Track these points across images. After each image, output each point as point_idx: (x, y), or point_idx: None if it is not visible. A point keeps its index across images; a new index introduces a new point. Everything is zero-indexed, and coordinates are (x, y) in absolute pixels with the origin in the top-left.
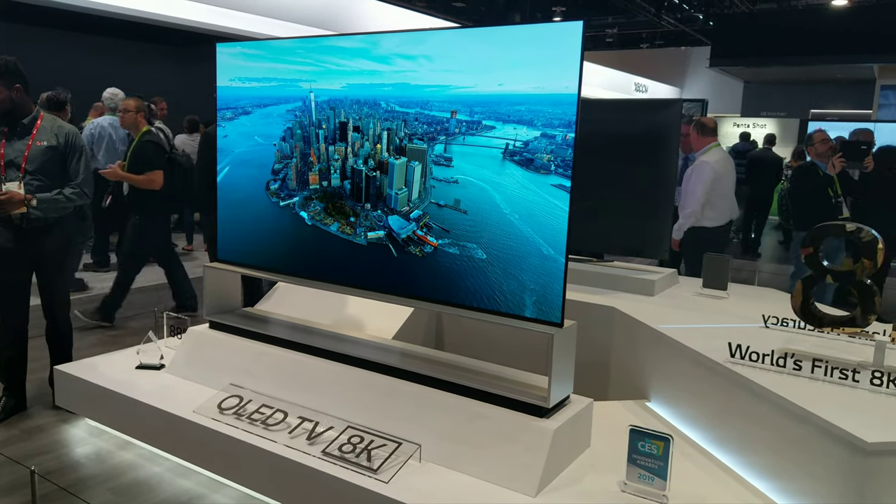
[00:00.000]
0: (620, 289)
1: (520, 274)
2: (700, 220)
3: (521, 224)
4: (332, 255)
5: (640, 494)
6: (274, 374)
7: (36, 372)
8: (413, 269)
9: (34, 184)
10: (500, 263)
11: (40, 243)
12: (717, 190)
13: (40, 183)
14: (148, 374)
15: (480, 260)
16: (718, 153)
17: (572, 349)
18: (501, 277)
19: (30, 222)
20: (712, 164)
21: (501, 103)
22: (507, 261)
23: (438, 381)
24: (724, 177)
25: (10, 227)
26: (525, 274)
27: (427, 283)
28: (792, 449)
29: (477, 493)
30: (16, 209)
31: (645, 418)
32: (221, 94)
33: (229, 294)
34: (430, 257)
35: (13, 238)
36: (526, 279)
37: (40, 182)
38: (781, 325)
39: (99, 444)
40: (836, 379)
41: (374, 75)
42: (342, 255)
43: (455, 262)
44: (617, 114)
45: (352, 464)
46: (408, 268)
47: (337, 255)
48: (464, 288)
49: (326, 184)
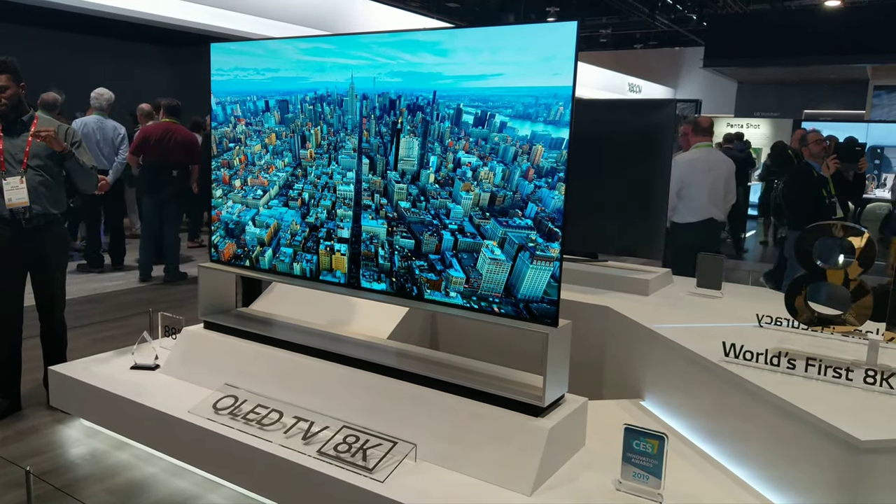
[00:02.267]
0: (615, 288)
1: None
2: (671, 215)
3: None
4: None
5: (635, 493)
6: (269, 375)
7: (30, 373)
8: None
9: (36, 179)
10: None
11: (40, 241)
12: (685, 189)
13: (41, 178)
14: (143, 374)
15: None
16: (694, 153)
17: (567, 349)
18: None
19: (29, 221)
20: (680, 164)
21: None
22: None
23: (434, 381)
24: (693, 177)
25: (10, 226)
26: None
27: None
28: (786, 447)
29: (472, 492)
30: (59, 147)
31: (640, 417)
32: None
33: (224, 294)
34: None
35: (13, 237)
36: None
37: (42, 177)
38: (775, 324)
39: (94, 445)
40: (830, 378)
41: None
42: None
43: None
44: (611, 114)
45: (347, 463)
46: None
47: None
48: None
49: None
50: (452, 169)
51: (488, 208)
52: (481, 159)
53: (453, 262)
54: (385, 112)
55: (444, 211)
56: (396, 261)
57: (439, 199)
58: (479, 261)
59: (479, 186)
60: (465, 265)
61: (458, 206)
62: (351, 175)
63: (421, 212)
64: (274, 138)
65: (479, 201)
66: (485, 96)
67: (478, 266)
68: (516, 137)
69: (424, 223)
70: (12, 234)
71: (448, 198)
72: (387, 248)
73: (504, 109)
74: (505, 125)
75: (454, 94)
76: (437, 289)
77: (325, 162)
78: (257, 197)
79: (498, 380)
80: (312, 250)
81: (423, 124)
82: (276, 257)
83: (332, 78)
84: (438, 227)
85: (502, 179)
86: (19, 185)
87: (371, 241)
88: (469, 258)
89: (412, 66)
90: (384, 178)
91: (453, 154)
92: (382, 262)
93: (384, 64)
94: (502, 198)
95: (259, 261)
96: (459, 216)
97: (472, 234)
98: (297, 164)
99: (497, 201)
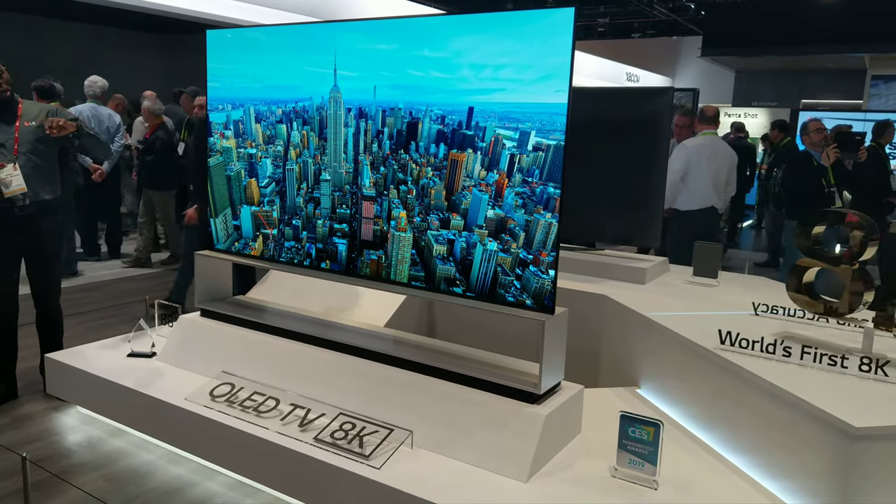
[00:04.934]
0: (611, 277)
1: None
2: (673, 202)
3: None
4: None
5: (630, 479)
6: (266, 362)
7: (26, 360)
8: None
9: (28, 165)
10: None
11: (35, 229)
12: (690, 174)
13: (33, 164)
14: (139, 361)
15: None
16: (701, 139)
17: (563, 336)
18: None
19: (23, 209)
20: (688, 148)
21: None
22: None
23: (431, 369)
24: (699, 162)
25: (3, 216)
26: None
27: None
28: (781, 434)
29: (468, 478)
30: (72, 128)
31: (635, 405)
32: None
33: (221, 282)
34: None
35: (7, 226)
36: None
37: (33, 163)
38: (771, 312)
39: (90, 432)
40: (825, 365)
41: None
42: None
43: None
44: (608, 102)
45: (344, 450)
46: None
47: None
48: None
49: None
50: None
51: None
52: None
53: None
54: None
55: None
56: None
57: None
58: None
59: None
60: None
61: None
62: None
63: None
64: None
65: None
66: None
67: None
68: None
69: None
70: (7, 224)
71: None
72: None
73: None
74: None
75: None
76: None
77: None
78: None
79: (495, 367)
80: (313, 238)
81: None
82: (276, 245)
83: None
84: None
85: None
86: (13, 172)
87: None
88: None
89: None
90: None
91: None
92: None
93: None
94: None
95: (257, 248)
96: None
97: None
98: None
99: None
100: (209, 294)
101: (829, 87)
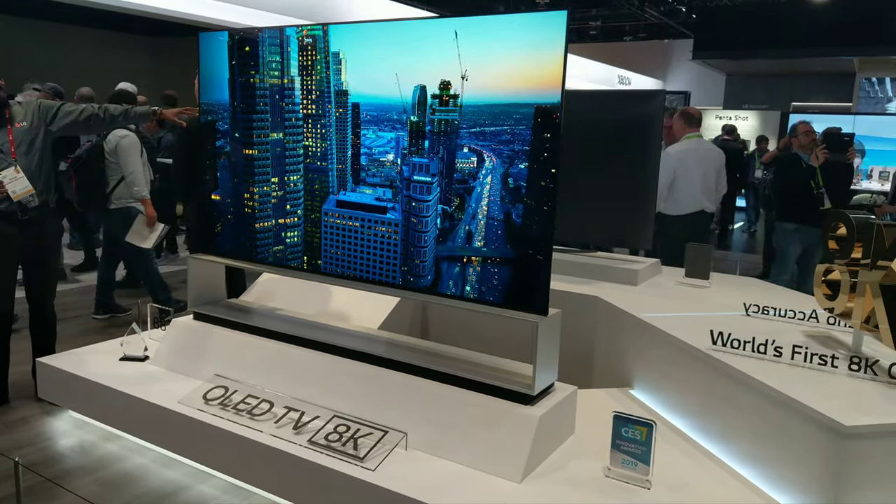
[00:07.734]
0: (604, 278)
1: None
2: (662, 207)
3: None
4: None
5: (623, 479)
6: (259, 365)
7: (19, 364)
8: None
9: (28, 166)
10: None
11: (38, 231)
12: (678, 180)
13: (33, 164)
14: (132, 365)
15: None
16: (687, 143)
17: (557, 337)
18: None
19: (26, 212)
20: (672, 155)
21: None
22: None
23: (424, 370)
24: (686, 168)
25: (6, 219)
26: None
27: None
28: (772, 433)
29: (463, 479)
30: (192, 113)
31: (628, 405)
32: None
33: (213, 285)
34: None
35: (10, 230)
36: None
37: (33, 164)
38: (762, 313)
39: (83, 436)
40: (816, 365)
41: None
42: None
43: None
44: (600, 105)
45: (338, 452)
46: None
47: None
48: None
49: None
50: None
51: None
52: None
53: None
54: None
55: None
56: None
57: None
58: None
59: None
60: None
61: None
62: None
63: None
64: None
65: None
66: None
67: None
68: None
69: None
70: (10, 228)
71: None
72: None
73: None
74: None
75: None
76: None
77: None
78: (262, 194)
79: (488, 368)
80: (306, 239)
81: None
82: (270, 248)
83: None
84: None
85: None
86: (16, 175)
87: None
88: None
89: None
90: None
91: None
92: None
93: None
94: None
95: (251, 251)
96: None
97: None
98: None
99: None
100: (202, 297)
101: (818, 90)
